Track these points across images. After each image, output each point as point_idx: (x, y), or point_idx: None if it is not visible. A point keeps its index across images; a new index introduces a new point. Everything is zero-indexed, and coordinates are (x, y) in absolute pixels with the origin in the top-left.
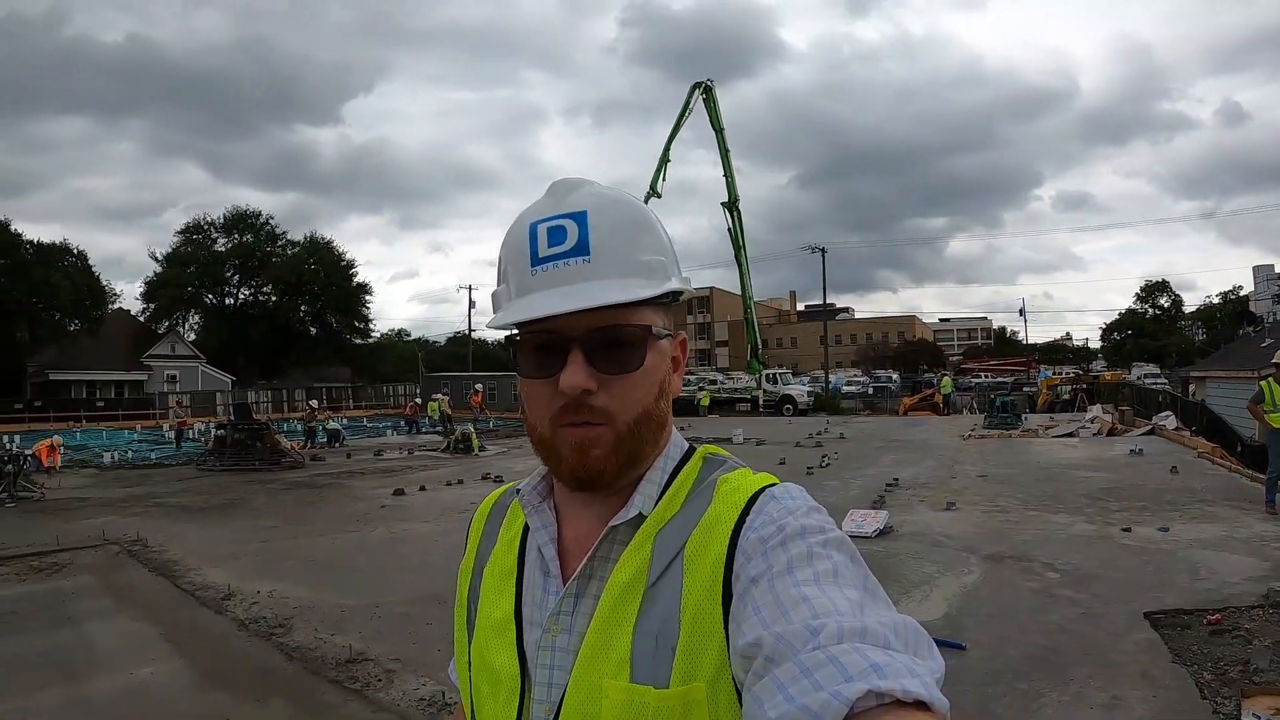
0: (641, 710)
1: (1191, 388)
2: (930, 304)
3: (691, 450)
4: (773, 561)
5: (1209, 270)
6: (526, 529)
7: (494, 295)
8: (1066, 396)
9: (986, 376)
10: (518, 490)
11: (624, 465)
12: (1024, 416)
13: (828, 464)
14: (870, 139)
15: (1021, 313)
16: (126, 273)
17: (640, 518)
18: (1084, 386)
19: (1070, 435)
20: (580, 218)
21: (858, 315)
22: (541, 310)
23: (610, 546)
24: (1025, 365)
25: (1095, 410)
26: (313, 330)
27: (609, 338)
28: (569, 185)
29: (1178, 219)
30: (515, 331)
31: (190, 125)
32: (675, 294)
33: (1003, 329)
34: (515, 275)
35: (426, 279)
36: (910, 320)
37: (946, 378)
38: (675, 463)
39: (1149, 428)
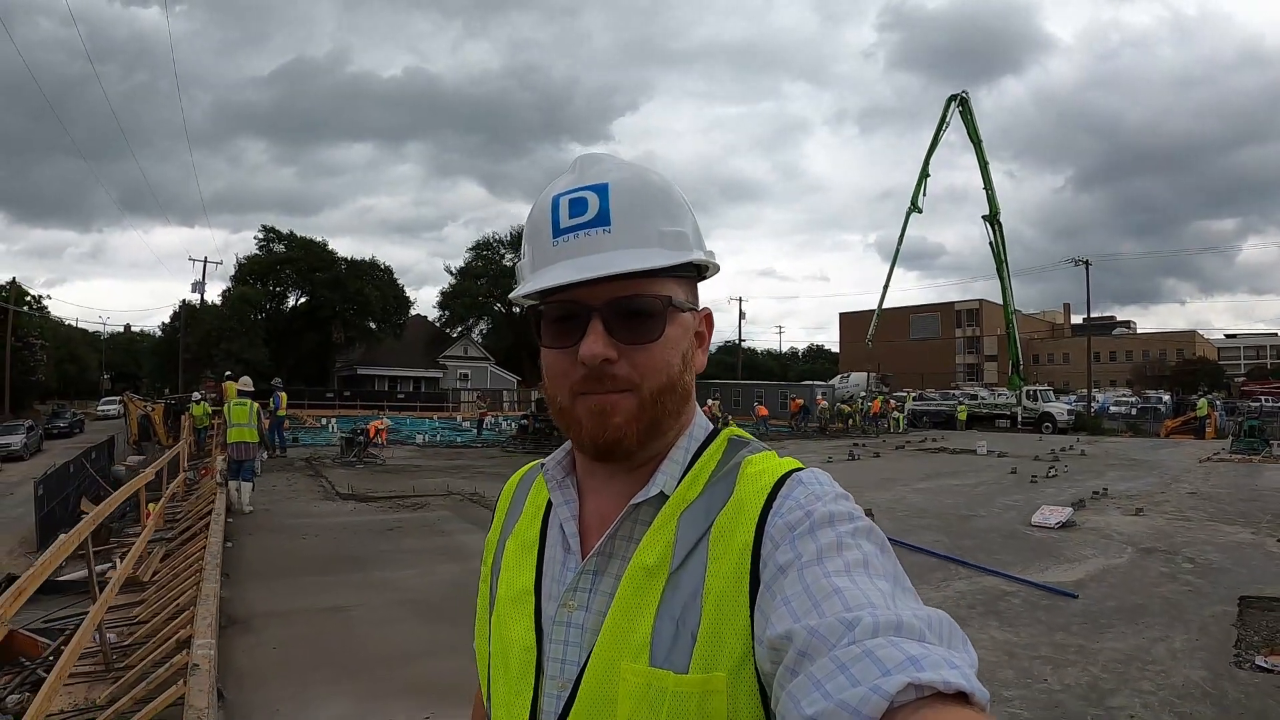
0: (659, 695)
1: None
2: (1220, 318)
3: (716, 432)
4: (801, 550)
5: None
6: (551, 503)
7: (517, 267)
8: None
9: (1267, 400)
10: (543, 465)
11: (645, 434)
12: (1273, 442)
13: (1054, 474)
14: (1148, 134)
15: None
16: (412, 280)
17: (662, 497)
18: None
19: None
20: (602, 189)
21: (1140, 330)
22: (559, 279)
23: (632, 526)
24: None
25: None
26: None
27: (629, 307)
28: (593, 159)
29: None
30: (537, 302)
31: (467, 148)
32: (700, 268)
33: None
34: (538, 247)
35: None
36: (1190, 336)
37: (1204, 400)
38: (699, 443)
39: None
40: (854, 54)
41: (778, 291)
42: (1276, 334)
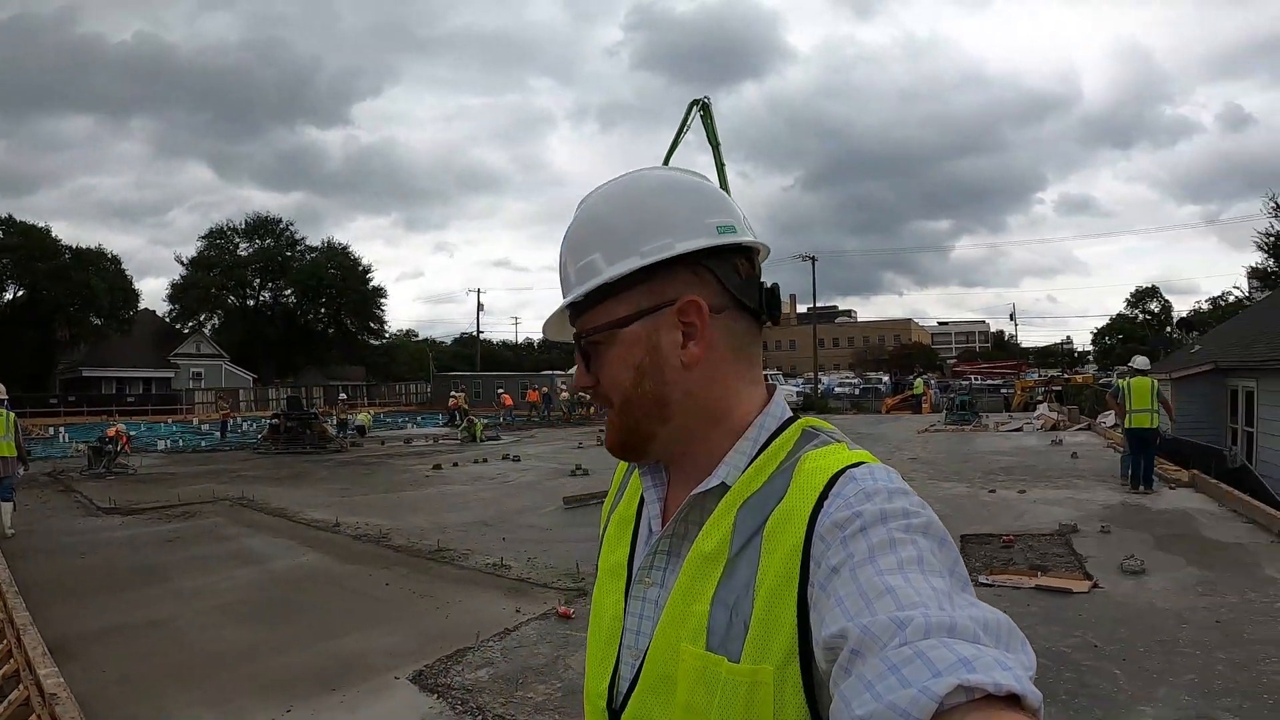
0: (713, 679)
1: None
2: (933, 307)
3: (790, 420)
4: (853, 550)
5: (1212, 275)
6: None
7: None
8: (1040, 398)
9: (976, 379)
10: None
11: (630, 443)
12: (981, 414)
13: None
14: (875, 141)
15: (1012, 317)
16: (134, 270)
17: (724, 488)
18: (1056, 389)
19: (1017, 430)
20: (562, 249)
21: (860, 319)
22: (551, 336)
23: (699, 513)
24: (1015, 368)
25: (1042, 409)
26: (329, 331)
27: (578, 345)
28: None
29: (1180, 224)
30: None
31: (197, 126)
32: (629, 274)
33: (1001, 332)
34: None
35: (431, 279)
36: (907, 324)
37: (920, 380)
38: (769, 433)
39: (1087, 424)
40: (600, 52)
41: (514, 282)
42: (984, 321)
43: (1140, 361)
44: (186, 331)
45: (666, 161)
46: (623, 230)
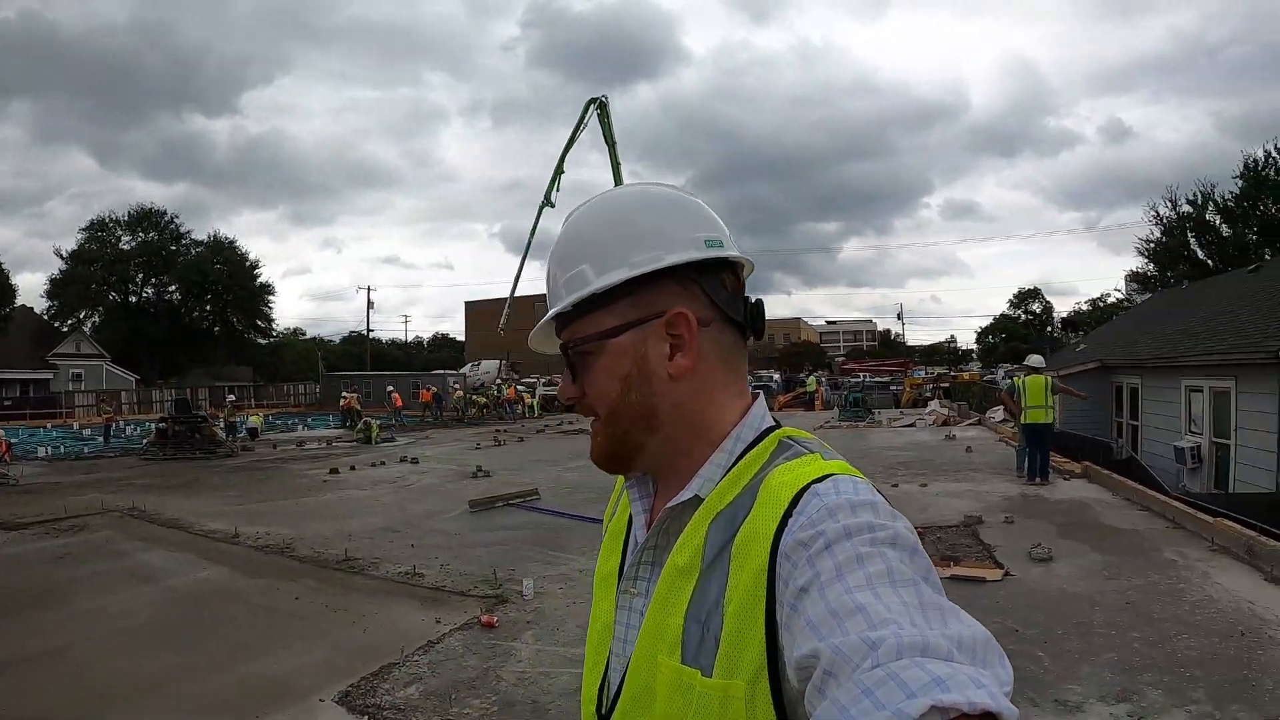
0: (687, 693)
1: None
2: (822, 307)
3: (768, 431)
4: (820, 569)
5: (1091, 278)
6: None
7: None
8: (929, 395)
9: (866, 376)
10: None
11: (617, 454)
12: (874, 410)
13: None
14: (766, 144)
15: (899, 317)
16: (10, 264)
17: (697, 500)
18: (944, 386)
19: (910, 425)
20: (550, 264)
21: None
22: (537, 348)
23: (676, 525)
24: (902, 366)
25: (934, 405)
26: (215, 329)
27: (565, 356)
28: (564, 223)
29: (1061, 230)
30: None
31: (79, 111)
32: (615, 287)
33: (888, 331)
34: None
35: (319, 276)
36: (796, 323)
37: (812, 377)
38: (745, 444)
39: (977, 420)
40: (496, 47)
41: (403, 280)
42: (871, 321)
43: (1035, 360)
44: (66, 330)
45: (562, 159)
46: (611, 242)
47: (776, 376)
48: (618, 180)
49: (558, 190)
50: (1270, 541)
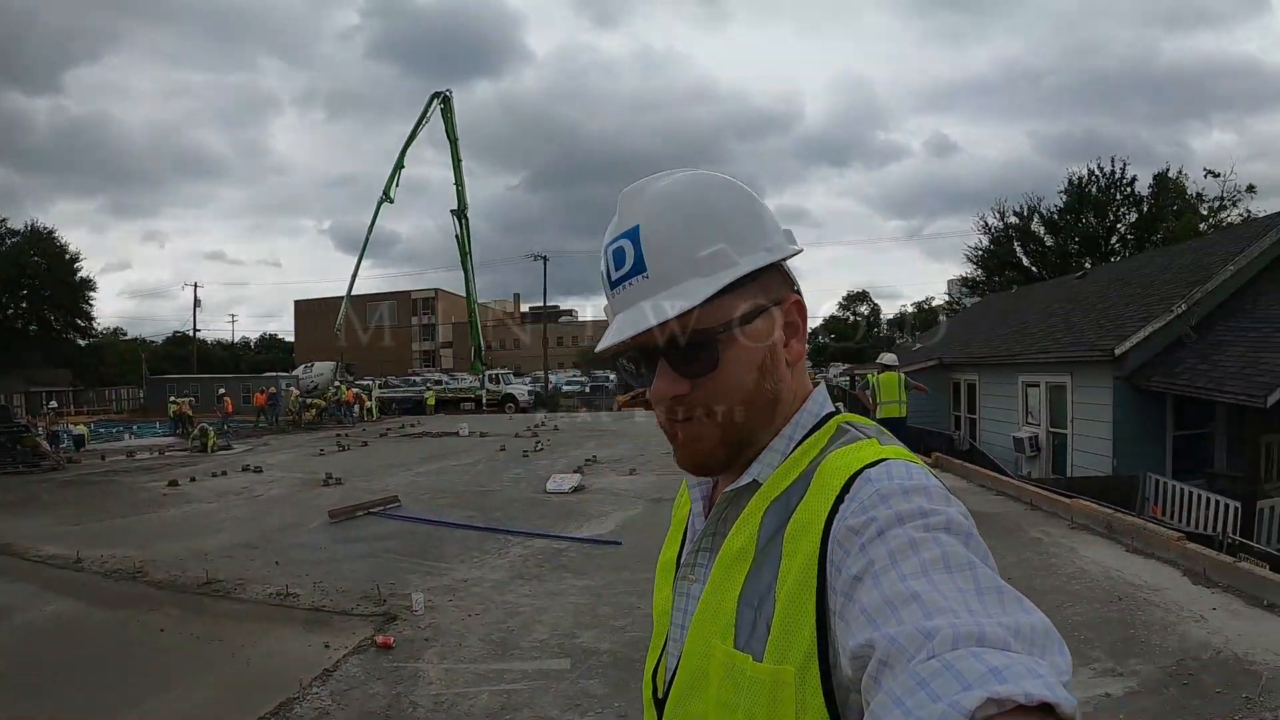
0: (739, 677)
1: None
2: None
3: (828, 417)
4: (874, 556)
5: (914, 283)
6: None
7: (606, 310)
8: None
9: None
10: None
11: (734, 452)
12: None
13: (540, 448)
14: (604, 147)
15: None
16: None
17: (755, 485)
18: None
19: None
20: (634, 234)
21: (582, 319)
22: (607, 341)
23: (733, 510)
24: None
25: None
26: (31, 328)
27: (684, 345)
28: (630, 196)
29: (886, 237)
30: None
31: None
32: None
33: None
34: (607, 296)
35: (140, 271)
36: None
37: None
38: (805, 430)
39: None
40: (335, 35)
41: (229, 276)
42: None
43: (888, 358)
44: None
45: (403, 154)
46: (745, 224)
47: (612, 376)
48: (459, 178)
49: (397, 185)
50: (1126, 517)
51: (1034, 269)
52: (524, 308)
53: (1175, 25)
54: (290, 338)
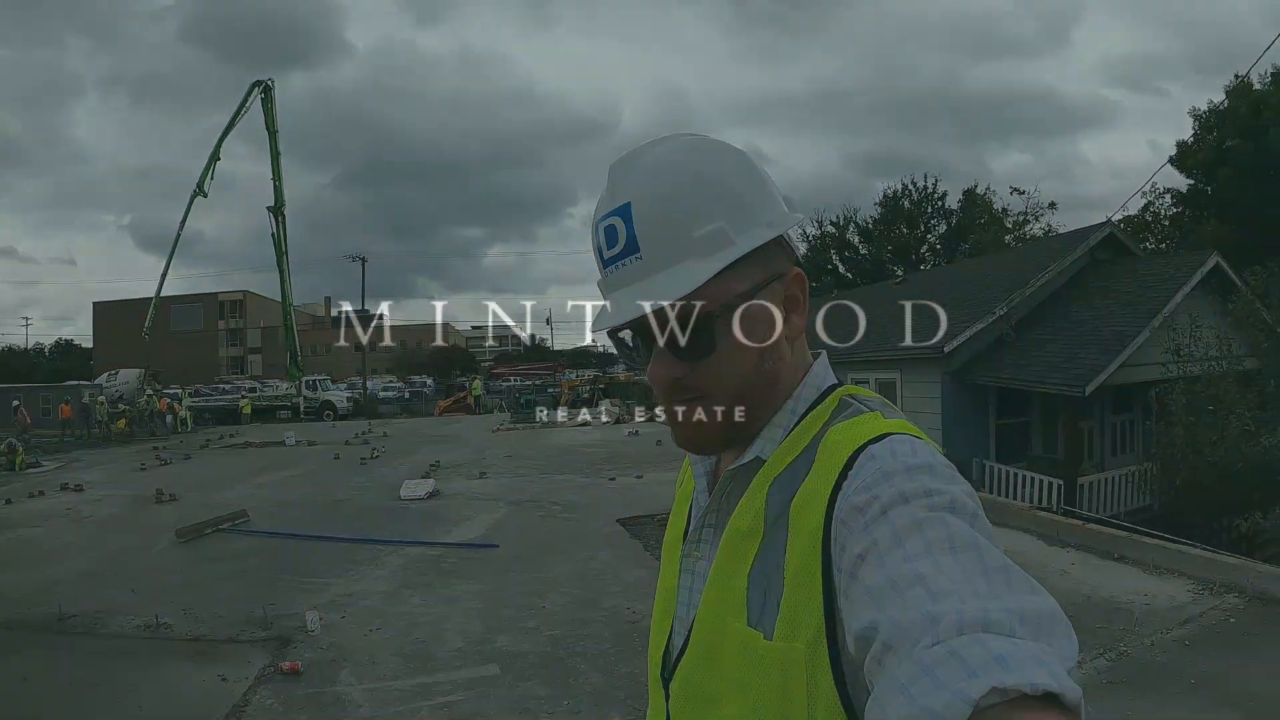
0: (752, 655)
1: None
2: (466, 311)
3: (830, 390)
4: (877, 536)
5: None
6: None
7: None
8: (586, 395)
9: (516, 380)
10: None
11: (734, 432)
12: (546, 412)
13: (377, 456)
14: (419, 146)
15: (548, 321)
16: None
17: (758, 462)
18: (602, 386)
19: (585, 425)
20: (626, 212)
21: (393, 323)
22: (607, 323)
23: (738, 487)
24: (552, 369)
25: (606, 404)
26: None
27: (679, 329)
28: (620, 170)
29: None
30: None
31: None
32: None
33: (533, 336)
34: (600, 276)
35: None
36: (444, 327)
37: (477, 381)
38: (807, 405)
39: (649, 416)
40: (146, 15)
41: (20, 276)
42: (517, 325)
43: None
44: None
45: (219, 145)
46: (743, 196)
47: (429, 381)
48: (277, 173)
49: (212, 179)
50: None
51: (849, 275)
52: (334, 311)
53: (982, 54)
54: (89, 343)
